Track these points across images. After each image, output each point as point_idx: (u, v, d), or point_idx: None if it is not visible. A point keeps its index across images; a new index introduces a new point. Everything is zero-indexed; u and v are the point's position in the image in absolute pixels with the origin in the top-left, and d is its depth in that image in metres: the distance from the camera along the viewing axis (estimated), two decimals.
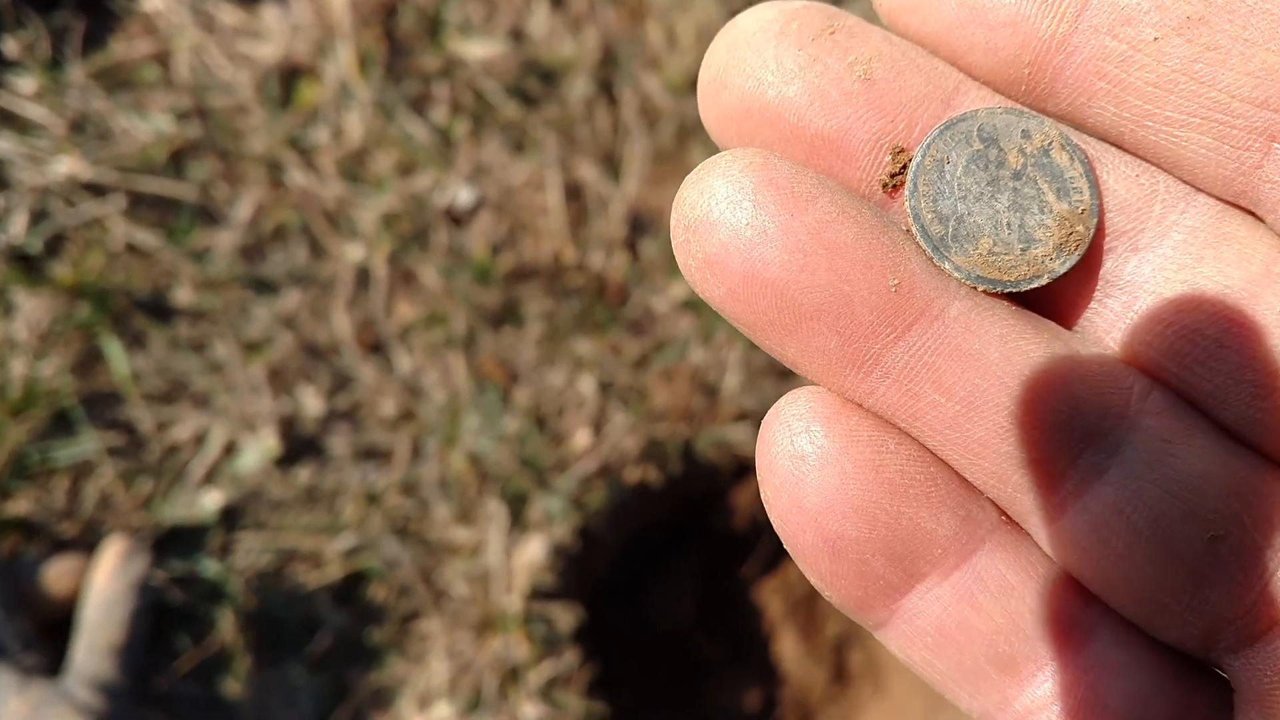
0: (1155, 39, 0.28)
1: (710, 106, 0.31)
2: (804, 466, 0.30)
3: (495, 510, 1.26)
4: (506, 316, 1.32)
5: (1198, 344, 0.29)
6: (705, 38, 1.40)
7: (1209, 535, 0.29)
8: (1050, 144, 0.30)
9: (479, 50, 1.37)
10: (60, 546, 1.19)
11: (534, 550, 1.26)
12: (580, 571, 1.31)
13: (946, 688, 0.32)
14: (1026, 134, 0.30)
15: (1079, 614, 0.31)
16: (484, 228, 1.34)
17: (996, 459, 0.30)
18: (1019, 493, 0.31)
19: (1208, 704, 0.31)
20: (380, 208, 1.31)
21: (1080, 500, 0.30)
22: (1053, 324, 0.31)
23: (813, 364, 0.30)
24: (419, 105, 1.36)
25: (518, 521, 1.28)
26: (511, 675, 1.24)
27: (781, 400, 0.31)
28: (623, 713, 1.32)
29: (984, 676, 0.31)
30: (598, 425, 1.31)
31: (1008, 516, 0.32)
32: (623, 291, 1.34)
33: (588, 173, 1.36)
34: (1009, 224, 0.30)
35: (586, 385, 1.31)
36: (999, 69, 0.30)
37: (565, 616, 1.26)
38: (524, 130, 1.36)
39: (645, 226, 1.36)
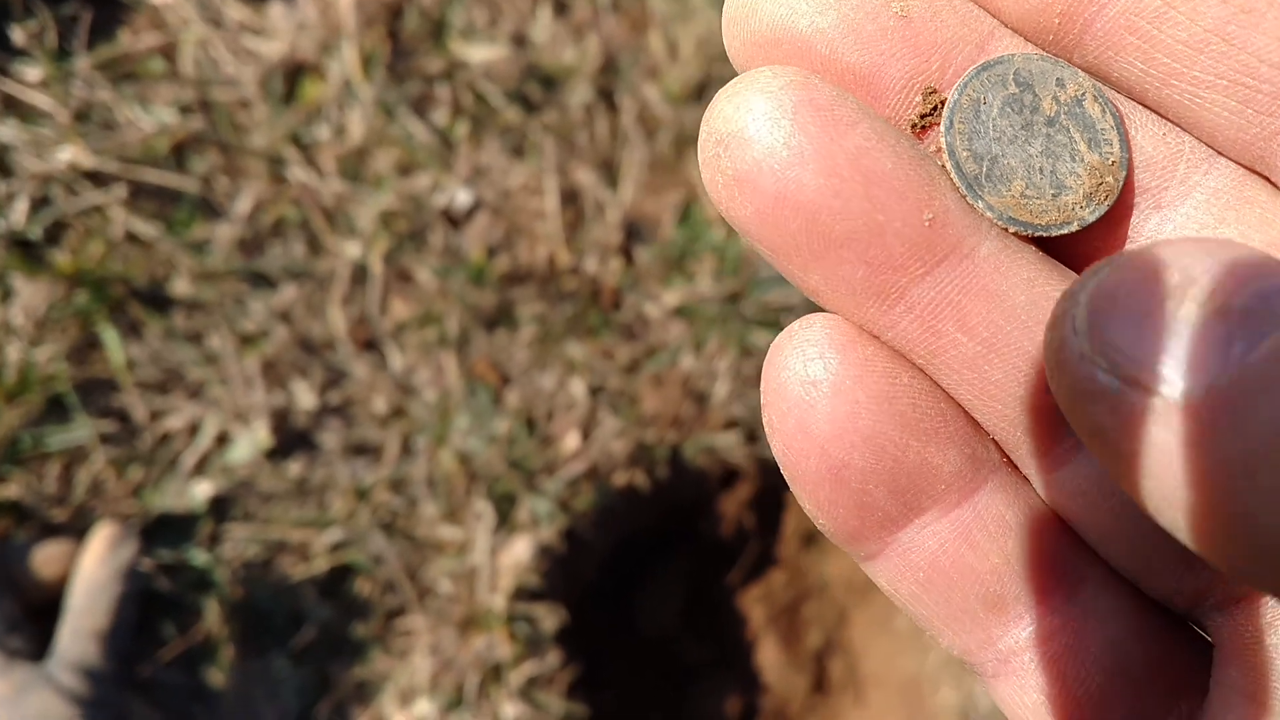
0: None
1: (737, 33, 0.30)
2: (815, 393, 0.29)
3: (483, 510, 1.27)
4: (500, 318, 1.34)
5: None
6: (706, 49, 1.42)
7: None
8: (1083, 95, 0.30)
9: (481, 54, 1.38)
10: (50, 531, 1.20)
11: (520, 550, 1.27)
12: (566, 573, 1.32)
13: (930, 624, 0.32)
14: (1060, 82, 0.30)
15: (1071, 559, 0.31)
16: (481, 229, 1.35)
17: (1011, 402, 0.30)
18: (1028, 437, 0.31)
19: (1182, 656, 0.31)
20: (379, 206, 1.32)
21: (1086, 450, 0.30)
22: (1076, 275, 0.31)
23: (836, 293, 0.30)
24: (420, 106, 1.37)
25: (505, 522, 1.29)
26: (493, 674, 1.25)
27: (795, 325, 0.30)
28: (605, 715, 1.33)
29: (971, 615, 0.31)
30: (587, 429, 1.32)
31: (1009, 458, 0.32)
32: (616, 297, 1.35)
33: (585, 178, 1.37)
34: (1041, 169, 0.30)
35: (577, 389, 1.32)
36: (1028, 16, 0.29)
37: (549, 617, 1.27)
38: (523, 134, 1.38)
39: (640, 233, 1.38)
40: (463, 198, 1.34)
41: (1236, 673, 0.29)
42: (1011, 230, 0.30)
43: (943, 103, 0.30)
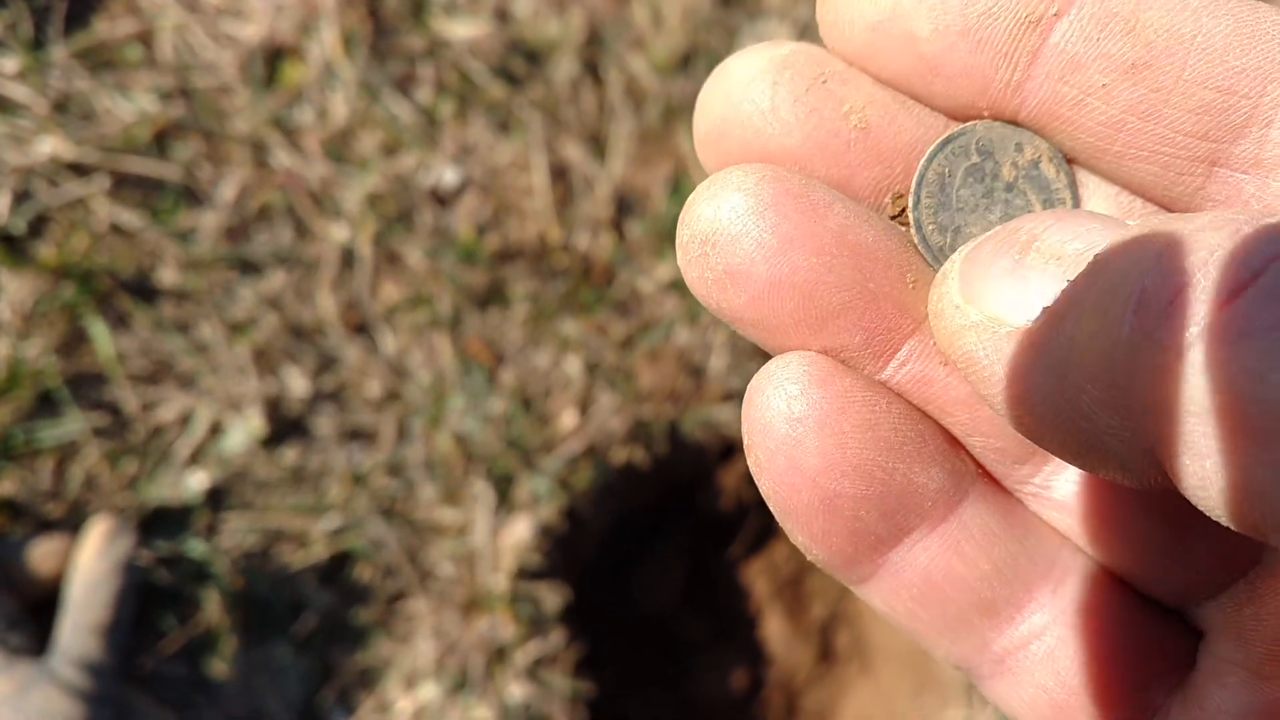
0: (1104, 85, 0.30)
1: (710, 153, 0.33)
2: (802, 429, 0.30)
3: (481, 491, 1.27)
4: (492, 297, 1.32)
5: None
6: (690, 19, 1.40)
7: None
8: (1039, 157, 0.32)
9: (464, 30, 1.36)
10: (46, 527, 1.19)
11: (520, 530, 1.26)
12: (567, 552, 1.32)
13: (928, 637, 0.33)
14: (1019, 147, 0.32)
15: (1056, 557, 0.33)
16: (469, 208, 1.33)
17: (1001, 435, 0.32)
18: (1018, 462, 0.33)
19: (1166, 636, 0.33)
20: (365, 188, 1.31)
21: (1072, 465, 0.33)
22: None
23: (835, 357, 0.32)
24: (404, 85, 1.36)
25: (504, 502, 1.28)
26: (498, 655, 1.24)
27: (770, 365, 0.31)
28: (609, 692, 1.32)
29: (967, 623, 0.33)
30: (584, 406, 1.31)
31: (983, 469, 0.33)
32: (609, 272, 1.34)
33: (573, 153, 1.35)
34: None
35: (572, 366, 1.31)
36: (959, 110, 0.32)
37: (552, 596, 1.26)
38: (509, 110, 1.36)
39: (631, 207, 1.36)
40: (450, 177, 1.33)
41: (1227, 646, 0.31)
42: None
43: (900, 197, 0.32)
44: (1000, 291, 0.27)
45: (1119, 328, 0.23)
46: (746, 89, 0.31)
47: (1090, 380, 0.24)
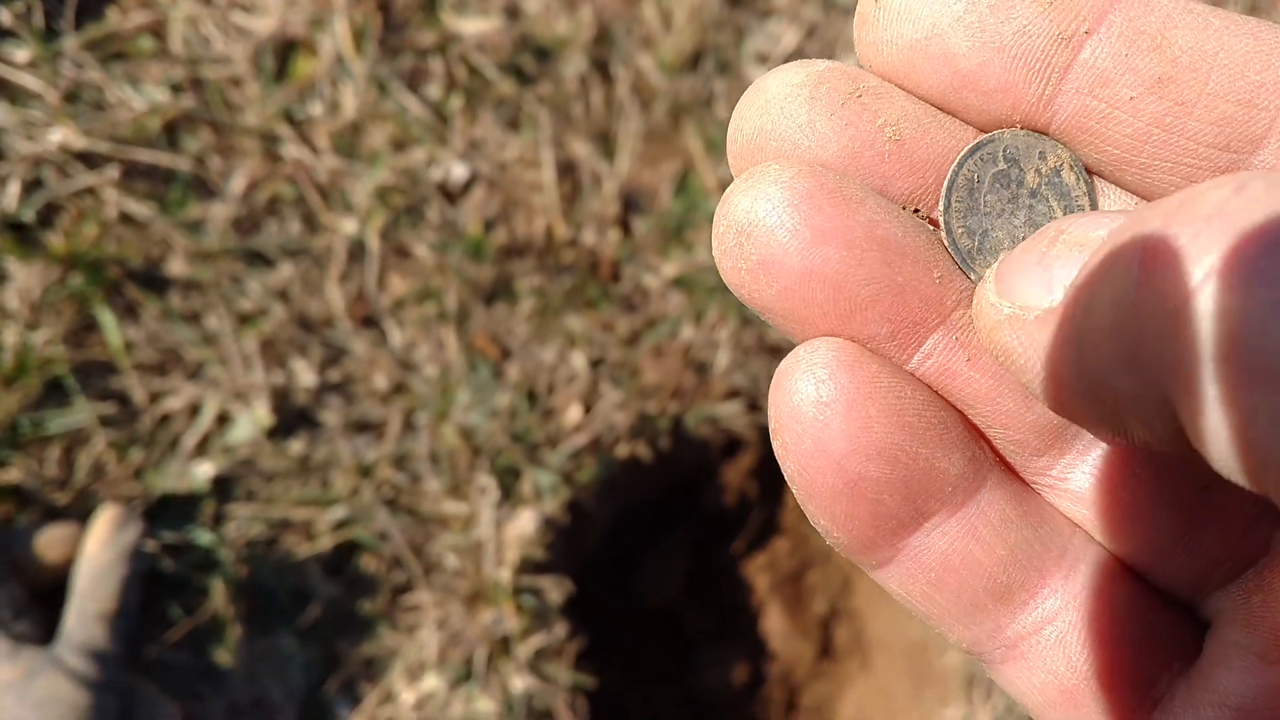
0: (1131, 98, 0.31)
1: (745, 166, 0.33)
2: (829, 412, 0.31)
3: (486, 484, 1.27)
4: (499, 292, 1.33)
5: None
6: (699, 18, 1.40)
7: (1201, 485, 0.33)
8: (1061, 165, 0.33)
9: (474, 26, 1.37)
10: (53, 515, 1.20)
11: (524, 524, 1.27)
12: (571, 545, 1.33)
13: (942, 621, 0.34)
14: (1043, 155, 0.33)
15: (1068, 544, 0.34)
16: (477, 203, 1.34)
17: (1022, 427, 0.34)
18: (1037, 455, 0.34)
19: (1173, 620, 0.34)
20: (374, 182, 1.31)
21: (1089, 456, 0.34)
22: None
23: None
24: (413, 80, 1.36)
25: (509, 495, 1.29)
26: (501, 647, 1.25)
27: (799, 350, 0.32)
28: (611, 685, 1.33)
29: (981, 607, 0.34)
30: (589, 401, 1.32)
31: (1000, 457, 0.35)
32: (615, 268, 1.35)
33: (581, 150, 1.36)
34: (1023, 239, 0.33)
35: (578, 361, 1.32)
36: (990, 124, 0.33)
37: (555, 589, 1.27)
38: (518, 107, 1.37)
39: (638, 204, 1.37)
40: (458, 171, 1.33)
41: (1235, 632, 0.32)
42: None
43: (915, 212, 0.34)
44: (1028, 282, 0.29)
45: (1129, 282, 0.24)
46: (783, 103, 0.32)
47: (1107, 341, 0.25)
